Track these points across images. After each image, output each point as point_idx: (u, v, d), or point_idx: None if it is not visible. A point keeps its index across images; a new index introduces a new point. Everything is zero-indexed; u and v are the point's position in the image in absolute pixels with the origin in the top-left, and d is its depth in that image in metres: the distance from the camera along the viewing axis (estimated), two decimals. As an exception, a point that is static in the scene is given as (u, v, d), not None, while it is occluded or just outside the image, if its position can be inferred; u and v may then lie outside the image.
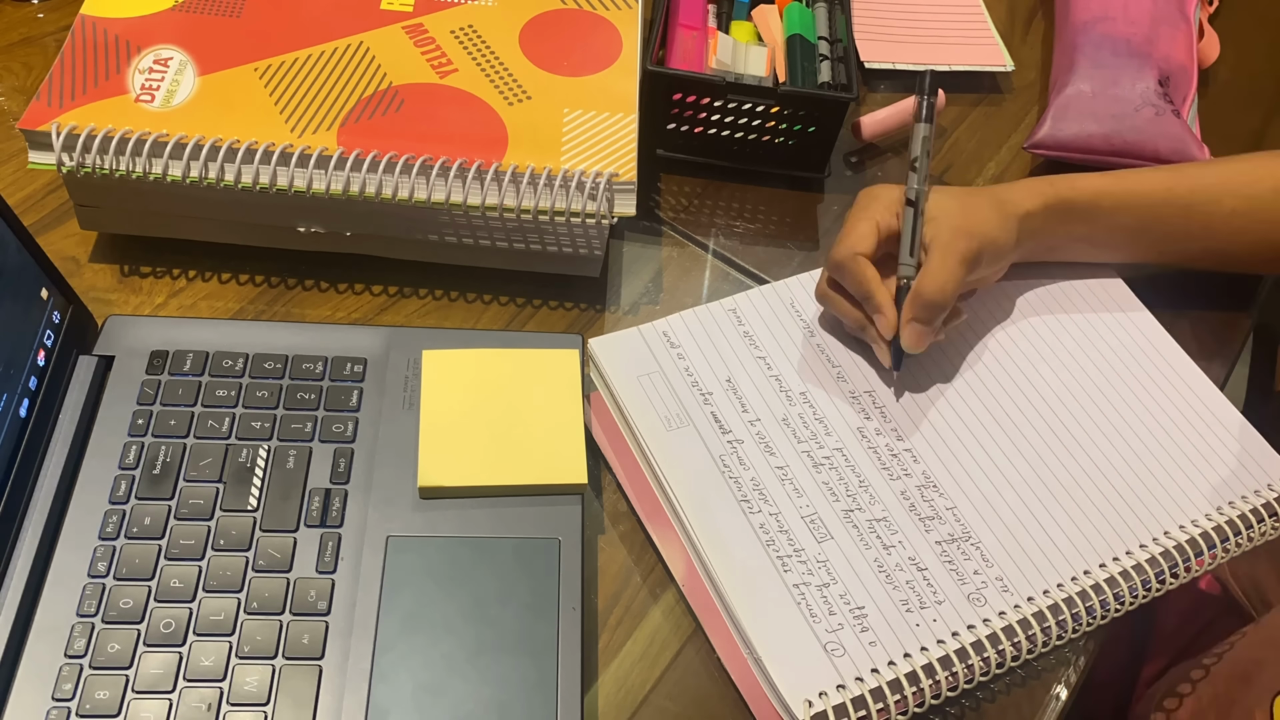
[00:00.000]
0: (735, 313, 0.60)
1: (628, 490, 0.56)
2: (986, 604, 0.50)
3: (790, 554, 0.51)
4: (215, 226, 0.61)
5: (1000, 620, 0.49)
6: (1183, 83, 0.76)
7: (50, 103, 0.57)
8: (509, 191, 0.58)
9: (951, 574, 0.51)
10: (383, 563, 0.49)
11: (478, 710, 0.46)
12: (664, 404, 0.55)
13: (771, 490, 0.53)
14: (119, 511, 0.50)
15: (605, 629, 0.52)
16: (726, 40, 0.72)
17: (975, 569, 0.51)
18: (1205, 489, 0.55)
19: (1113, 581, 0.51)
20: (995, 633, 0.49)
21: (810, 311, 0.60)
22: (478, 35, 0.64)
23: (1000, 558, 0.52)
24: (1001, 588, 0.51)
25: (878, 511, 0.53)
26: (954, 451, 0.55)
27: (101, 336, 0.56)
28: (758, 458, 0.54)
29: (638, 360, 0.57)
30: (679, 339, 0.58)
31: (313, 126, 0.58)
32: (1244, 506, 0.55)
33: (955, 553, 0.52)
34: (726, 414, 0.55)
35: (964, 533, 0.52)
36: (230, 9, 0.63)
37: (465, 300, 0.63)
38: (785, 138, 0.69)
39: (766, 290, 0.61)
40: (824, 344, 0.59)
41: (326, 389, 0.55)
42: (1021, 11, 0.89)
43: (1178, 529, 0.54)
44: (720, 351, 0.58)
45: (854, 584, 0.50)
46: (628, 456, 0.55)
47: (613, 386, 0.55)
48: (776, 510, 0.52)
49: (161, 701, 0.45)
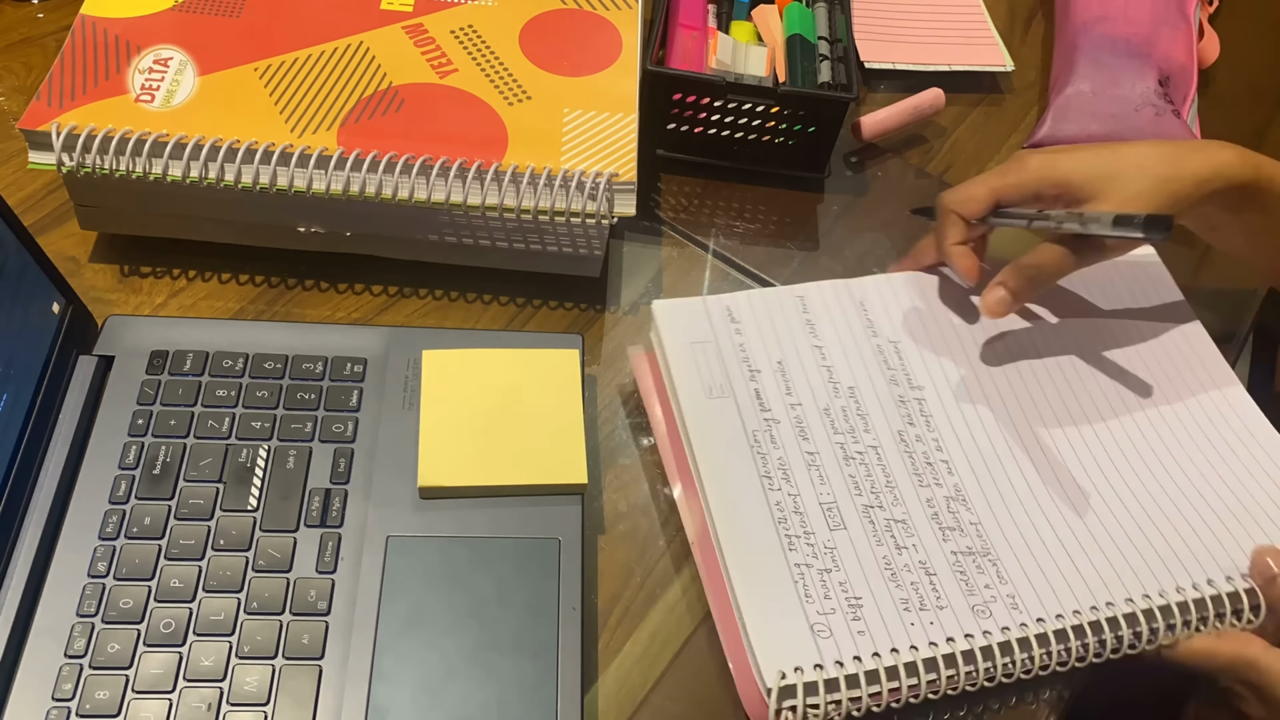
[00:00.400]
0: (802, 300, 0.60)
1: (662, 449, 0.57)
2: (991, 617, 0.49)
3: (799, 535, 0.51)
4: (215, 226, 0.61)
5: (1001, 635, 0.48)
6: (1183, 83, 0.76)
7: (50, 103, 0.57)
8: (509, 191, 0.58)
9: (961, 583, 0.50)
10: (382, 563, 0.49)
11: (478, 710, 0.46)
12: (710, 373, 0.56)
13: (796, 473, 0.53)
14: (119, 511, 0.50)
15: (605, 629, 0.52)
16: (726, 40, 0.72)
17: (987, 583, 0.50)
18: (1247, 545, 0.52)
19: (1133, 619, 0.49)
20: (991, 646, 0.48)
21: (877, 313, 0.60)
22: (478, 35, 0.64)
23: (1016, 577, 0.51)
24: (1011, 605, 0.50)
25: (899, 513, 0.52)
26: (991, 470, 0.55)
27: (101, 336, 0.56)
28: (790, 440, 0.54)
29: (695, 328, 0.57)
30: (740, 315, 0.58)
31: (313, 126, 0.58)
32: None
33: (969, 565, 0.51)
34: (770, 393, 0.56)
35: (984, 548, 0.52)
36: (230, 9, 0.63)
37: (465, 300, 0.63)
38: (785, 138, 0.69)
39: (838, 285, 0.61)
40: (883, 347, 0.59)
41: (326, 389, 0.55)
42: (1021, 11, 0.89)
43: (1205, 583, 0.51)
44: (779, 333, 0.58)
45: (856, 575, 0.50)
46: (670, 417, 0.56)
47: (665, 348, 0.56)
48: (796, 492, 0.52)
49: (161, 701, 0.45)
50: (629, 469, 0.57)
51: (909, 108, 0.75)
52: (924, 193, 0.74)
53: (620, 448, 0.58)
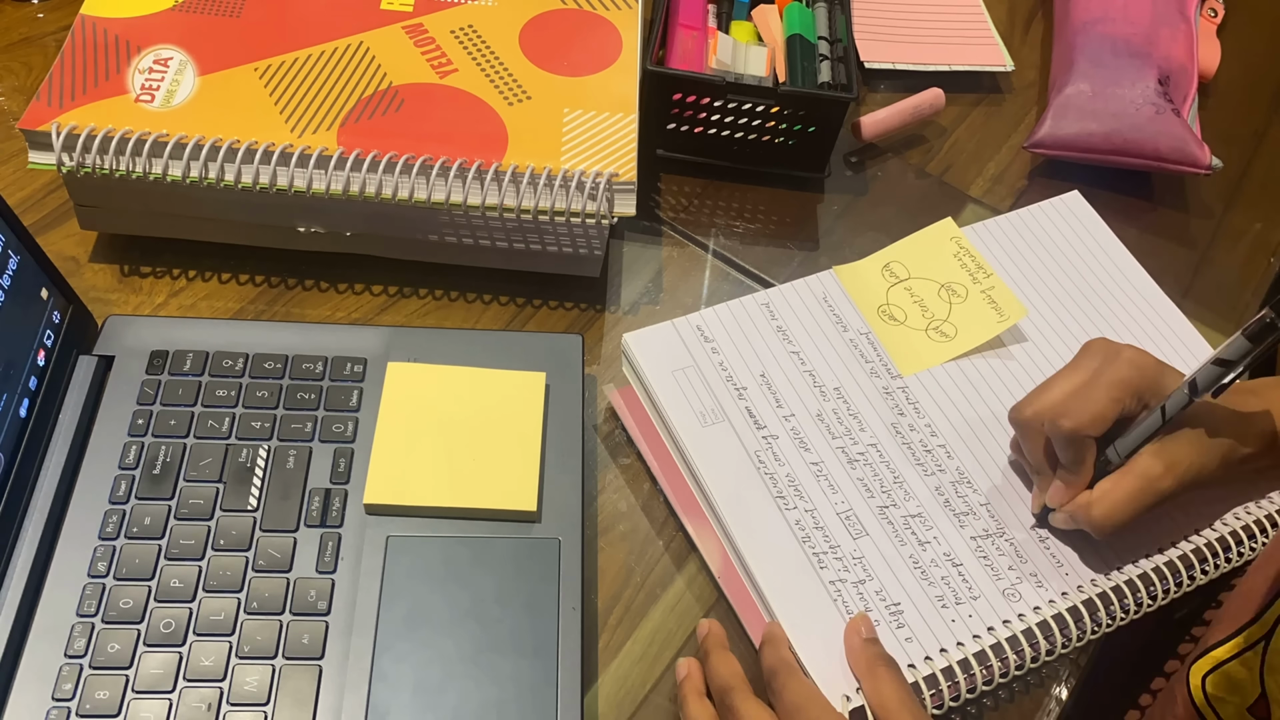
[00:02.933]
0: (768, 306, 0.59)
1: (661, 482, 0.56)
2: (1021, 599, 0.50)
3: (826, 550, 0.51)
4: (215, 226, 0.61)
5: (1035, 615, 0.50)
6: (1183, 82, 0.76)
7: (50, 103, 0.57)
8: (509, 191, 0.58)
9: (986, 569, 0.51)
10: (383, 563, 0.49)
11: (478, 710, 0.46)
12: (699, 399, 0.55)
13: (807, 487, 0.53)
14: (119, 511, 0.50)
15: (605, 629, 0.52)
16: (726, 40, 0.72)
17: (1010, 564, 0.51)
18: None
19: (1145, 578, 0.51)
20: (1031, 628, 0.49)
21: (842, 305, 0.60)
22: (478, 35, 0.64)
23: (1033, 553, 0.52)
24: (1036, 583, 0.51)
25: (913, 508, 0.53)
26: (986, 447, 0.55)
27: (101, 336, 0.56)
28: (793, 454, 0.54)
29: (672, 355, 0.56)
30: (713, 333, 0.58)
31: (313, 126, 0.58)
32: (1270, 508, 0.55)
33: (990, 548, 0.52)
34: (761, 409, 0.55)
35: (998, 528, 0.52)
36: (230, 9, 0.63)
37: (465, 300, 0.63)
38: (785, 138, 0.69)
39: (799, 284, 0.61)
40: (856, 340, 0.59)
41: (326, 389, 0.55)
42: (1021, 11, 0.89)
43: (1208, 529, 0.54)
44: (754, 345, 0.58)
45: (890, 580, 0.50)
46: (661, 449, 0.56)
47: (647, 381, 0.55)
48: (812, 507, 0.52)
49: (161, 701, 0.45)
50: (629, 469, 0.57)
51: (909, 108, 0.75)
52: (924, 193, 0.74)
53: (620, 448, 0.58)
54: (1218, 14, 0.88)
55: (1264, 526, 0.54)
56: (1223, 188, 0.78)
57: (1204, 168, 0.73)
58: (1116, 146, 0.73)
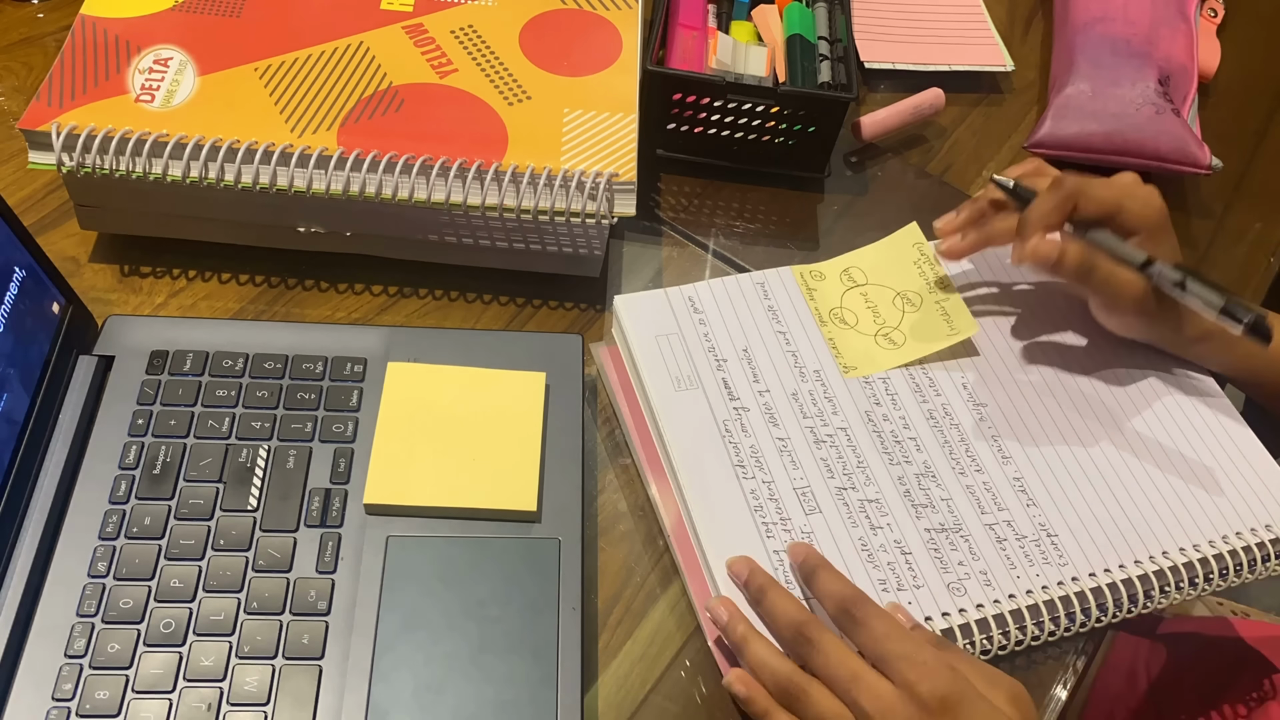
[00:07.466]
0: (763, 286, 0.60)
1: (634, 442, 0.57)
2: (965, 594, 0.50)
3: (776, 521, 0.51)
4: (215, 226, 0.61)
5: (976, 612, 0.50)
6: (1183, 82, 0.76)
7: (50, 103, 0.57)
8: (509, 191, 0.58)
9: (935, 561, 0.51)
10: (383, 563, 0.49)
11: (478, 710, 0.46)
12: (677, 365, 0.56)
13: (769, 459, 0.53)
14: (119, 511, 0.50)
15: (605, 629, 0.52)
16: (726, 40, 0.72)
17: (960, 560, 0.51)
18: (1214, 516, 0.54)
19: (1099, 592, 0.51)
20: (969, 624, 0.49)
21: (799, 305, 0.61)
22: (478, 35, 0.64)
23: (988, 553, 0.52)
24: (984, 581, 0.51)
25: (871, 493, 0.53)
26: (954, 445, 0.56)
27: (101, 336, 0.56)
28: (760, 427, 0.54)
29: (659, 320, 0.58)
30: (703, 305, 0.59)
31: (313, 126, 0.58)
32: (1251, 539, 0.53)
33: (943, 541, 0.52)
34: (737, 382, 0.56)
35: (955, 524, 0.53)
36: (230, 9, 0.63)
37: (465, 300, 0.63)
38: (785, 138, 0.69)
39: (796, 269, 0.62)
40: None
41: (326, 389, 0.55)
42: (1021, 11, 0.89)
43: (1177, 551, 0.53)
44: (742, 321, 0.59)
45: (835, 557, 0.50)
46: (638, 412, 0.56)
47: (630, 342, 0.57)
48: (770, 479, 0.53)
49: (161, 701, 0.45)
50: (629, 469, 0.57)
51: (909, 108, 0.75)
52: (924, 193, 0.74)
53: (620, 448, 0.58)
54: (1218, 14, 0.88)
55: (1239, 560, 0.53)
56: (1223, 188, 0.78)
57: (1204, 168, 0.73)
58: (1117, 146, 0.73)
